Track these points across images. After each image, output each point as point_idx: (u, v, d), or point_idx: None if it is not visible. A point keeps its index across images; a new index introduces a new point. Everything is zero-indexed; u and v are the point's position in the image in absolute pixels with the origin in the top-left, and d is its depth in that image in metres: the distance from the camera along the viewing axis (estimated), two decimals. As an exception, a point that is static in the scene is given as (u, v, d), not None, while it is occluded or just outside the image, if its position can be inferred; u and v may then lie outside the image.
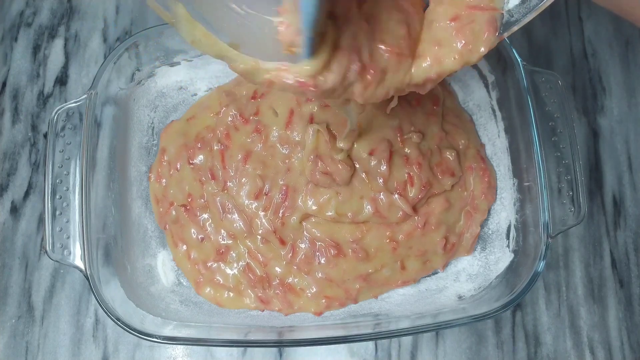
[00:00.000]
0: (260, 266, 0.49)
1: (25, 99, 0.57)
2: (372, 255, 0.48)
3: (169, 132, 0.52)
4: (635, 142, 0.55)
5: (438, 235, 0.49)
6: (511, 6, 0.31)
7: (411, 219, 0.48)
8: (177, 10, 0.28)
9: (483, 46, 0.31)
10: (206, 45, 0.29)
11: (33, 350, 0.51)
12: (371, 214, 0.47)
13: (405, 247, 0.48)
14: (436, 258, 0.49)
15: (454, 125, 0.52)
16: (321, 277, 0.48)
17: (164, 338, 0.41)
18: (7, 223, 0.54)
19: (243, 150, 0.49)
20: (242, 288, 0.49)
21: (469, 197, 0.50)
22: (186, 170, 0.51)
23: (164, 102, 0.53)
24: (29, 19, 0.59)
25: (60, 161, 0.45)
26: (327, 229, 0.48)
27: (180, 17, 0.28)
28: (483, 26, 0.31)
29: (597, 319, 0.50)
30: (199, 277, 0.49)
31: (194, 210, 0.50)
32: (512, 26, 0.31)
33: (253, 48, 0.29)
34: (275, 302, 0.49)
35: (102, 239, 0.45)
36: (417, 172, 0.48)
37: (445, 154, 0.49)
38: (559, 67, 0.56)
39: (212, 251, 0.50)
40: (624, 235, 0.52)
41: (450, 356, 0.50)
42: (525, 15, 0.30)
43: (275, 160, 0.49)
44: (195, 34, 0.28)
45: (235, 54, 0.29)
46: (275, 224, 0.48)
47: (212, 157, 0.50)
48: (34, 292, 0.52)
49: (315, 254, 0.48)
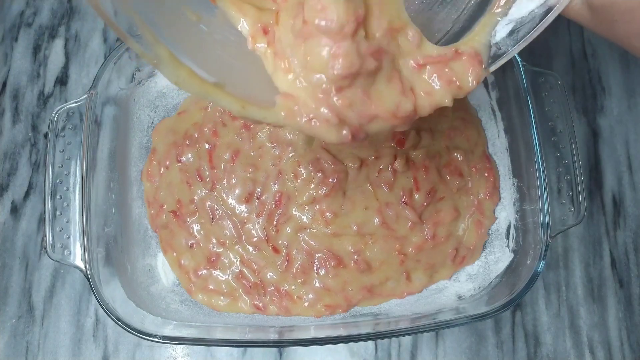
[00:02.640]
0: (253, 273, 0.48)
1: (25, 99, 0.57)
2: (375, 267, 0.47)
3: (159, 130, 0.52)
4: (635, 142, 0.55)
5: (448, 247, 0.48)
6: (498, 39, 0.30)
7: (420, 230, 0.47)
8: (160, 51, 0.26)
9: (472, 79, 0.30)
10: (191, 85, 0.27)
11: (33, 350, 0.51)
12: (378, 226, 0.46)
13: (413, 260, 0.48)
14: (444, 270, 0.49)
15: (463, 120, 0.51)
16: (319, 287, 0.47)
17: (164, 338, 0.41)
18: (8, 223, 0.54)
19: (231, 149, 0.49)
20: (237, 294, 0.48)
21: (474, 200, 0.49)
22: (174, 170, 0.50)
23: (164, 102, 0.53)
24: (29, 19, 0.59)
25: (60, 161, 0.45)
26: (326, 240, 0.47)
27: (163, 58, 0.26)
28: (466, 64, 0.30)
29: (597, 319, 0.50)
30: (189, 285, 0.49)
31: (184, 216, 0.49)
32: (500, 58, 0.30)
33: (239, 87, 0.29)
34: (272, 308, 0.48)
35: (102, 239, 0.45)
36: (423, 176, 0.47)
37: (454, 154, 0.49)
38: (558, 67, 0.56)
39: (203, 259, 0.49)
40: (624, 235, 0.53)
41: (450, 356, 0.50)
42: (512, 46, 0.30)
43: (265, 161, 0.48)
44: (180, 73, 0.27)
45: (222, 95, 0.28)
46: (269, 231, 0.47)
47: (199, 158, 0.50)
48: (34, 292, 0.52)
49: (313, 265, 0.47)
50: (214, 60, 0.30)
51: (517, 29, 0.30)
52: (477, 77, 0.30)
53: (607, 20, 0.29)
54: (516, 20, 0.30)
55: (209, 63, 0.28)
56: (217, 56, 0.30)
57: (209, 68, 0.28)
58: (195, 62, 0.28)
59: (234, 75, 0.29)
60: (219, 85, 0.28)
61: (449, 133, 0.50)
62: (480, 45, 0.30)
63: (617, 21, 0.28)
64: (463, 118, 0.51)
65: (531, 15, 0.29)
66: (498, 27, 0.30)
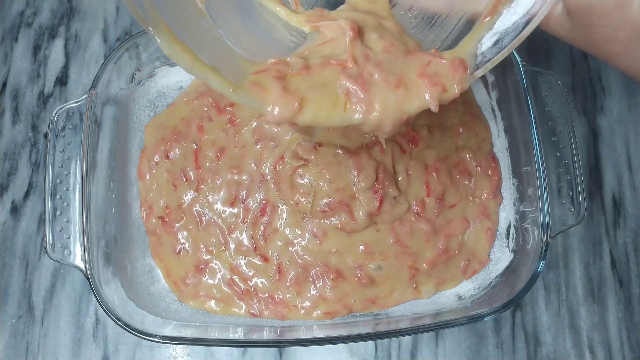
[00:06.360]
0: (244, 282, 0.47)
1: (25, 99, 0.57)
2: (379, 282, 0.47)
3: (151, 126, 0.52)
4: (634, 142, 0.55)
5: (461, 259, 0.48)
6: (484, 49, 0.31)
7: (434, 242, 0.46)
8: (159, 23, 0.26)
9: (457, 86, 0.31)
10: (184, 59, 0.27)
11: (33, 350, 0.51)
12: (391, 244, 0.45)
13: (425, 274, 0.47)
14: (453, 282, 0.48)
15: (472, 115, 0.50)
16: (317, 296, 0.46)
17: (164, 338, 0.41)
18: (8, 223, 0.54)
19: (216, 146, 0.48)
20: (230, 300, 0.47)
21: (479, 203, 0.49)
22: (162, 169, 0.50)
23: (164, 102, 0.53)
24: (29, 19, 0.59)
25: (60, 161, 0.45)
26: (322, 256, 0.46)
27: (160, 29, 0.27)
28: (448, 70, 0.31)
29: (597, 319, 0.50)
30: (179, 293, 0.48)
31: (172, 222, 0.49)
32: (485, 64, 0.31)
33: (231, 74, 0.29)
34: (267, 314, 0.47)
35: (102, 239, 0.45)
36: (435, 179, 0.47)
37: (463, 153, 0.49)
38: (558, 67, 0.56)
39: (191, 266, 0.48)
40: (624, 235, 0.53)
41: (450, 356, 0.50)
42: (497, 54, 0.31)
43: (247, 161, 0.48)
44: (175, 47, 0.27)
45: (214, 75, 0.28)
46: (257, 240, 0.46)
47: (185, 157, 0.49)
48: (34, 292, 0.52)
49: (308, 277, 0.46)
50: (209, 49, 0.30)
51: (502, 39, 0.31)
52: (461, 81, 0.30)
53: (585, 25, 0.29)
54: (501, 32, 0.31)
55: (203, 50, 0.28)
56: (213, 47, 0.31)
57: (202, 54, 0.28)
58: (190, 44, 0.28)
59: (225, 65, 0.29)
60: (213, 67, 0.28)
61: (458, 129, 0.49)
62: (466, 55, 0.31)
63: (594, 25, 0.29)
64: (472, 113, 0.50)
65: (515, 25, 0.30)
66: (484, 40, 0.31)
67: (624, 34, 0.29)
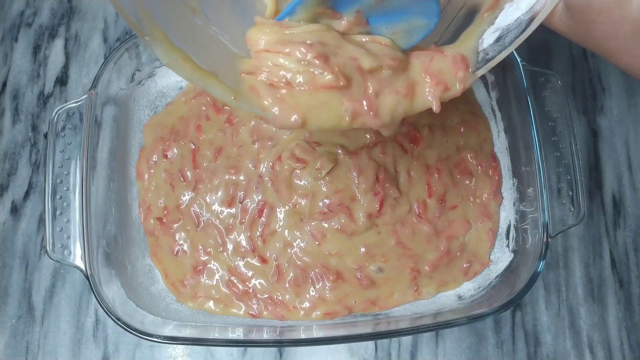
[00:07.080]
0: (242, 283, 0.47)
1: (25, 99, 0.57)
2: (380, 283, 0.46)
3: (149, 125, 0.52)
4: (634, 142, 0.55)
5: (462, 261, 0.47)
6: (486, 45, 0.31)
7: (435, 244, 0.46)
8: (155, 31, 0.26)
9: (459, 84, 0.31)
10: (183, 68, 0.27)
11: (33, 350, 0.51)
12: (393, 246, 0.45)
13: (427, 277, 0.47)
14: (454, 284, 0.48)
15: (473, 114, 0.50)
16: (316, 297, 0.46)
17: (164, 338, 0.41)
18: (8, 223, 0.54)
19: (213, 146, 0.48)
20: (229, 300, 0.47)
21: (479, 203, 0.49)
22: (160, 169, 0.50)
23: (164, 102, 0.53)
24: (29, 19, 0.59)
25: (60, 161, 0.45)
26: (321, 257, 0.46)
27: (157, 38, 0.26)
28: (450, 67, 0.30)
29: (597, 319, 0.50)
30: (178, 295, 0.48)
31: (170, 223, 0.49)
32: (487, 63, 0.31)
33: (228, 79, 0.29)
34: (267, 314, 0.46)
35: (102, 239, 0.45)
36: (436, 179, 0.46)
37: (464, 153, 0.49)
38: (558, 67, 0.56)
39: (189, 268, 0.48)
40: (624, 235, 0.53)
41: (450, 356, 0.50)
42: (499, 52, 0.31)
43: (244, 161, 0.47)
44: (173, 56, 0.27)
45: (215, 82, 0.28)
46: (255, 241, 0.46)
47: (182, 157, 0.49)
48: (34, 292, 0.52)
49: (308, 279, 0.46)
50: (206, 52, 0.30)
51: (504, 36, 0.30)
52: (463, 80, 0.30)
53: (585, 22, 0.29)
54: (503, 28, 0.31)
55: (200, 54, 0.28)
56: (209, 49, 0.30)
57: (200, 58, 0.28)
58: (187, 49, 0.27)
59: (223, 69, 0.29)
60: (212, 73, 0.28)
61: (459, 128, 0.49)
62: (467, 50, 0.31)
63: (594, 21, 0.29)
64: (473, 112, 0.50)
65: (517, 22, 0.30)
66: (485, 35, 0.31)
67: (623, 31, 0.29)
